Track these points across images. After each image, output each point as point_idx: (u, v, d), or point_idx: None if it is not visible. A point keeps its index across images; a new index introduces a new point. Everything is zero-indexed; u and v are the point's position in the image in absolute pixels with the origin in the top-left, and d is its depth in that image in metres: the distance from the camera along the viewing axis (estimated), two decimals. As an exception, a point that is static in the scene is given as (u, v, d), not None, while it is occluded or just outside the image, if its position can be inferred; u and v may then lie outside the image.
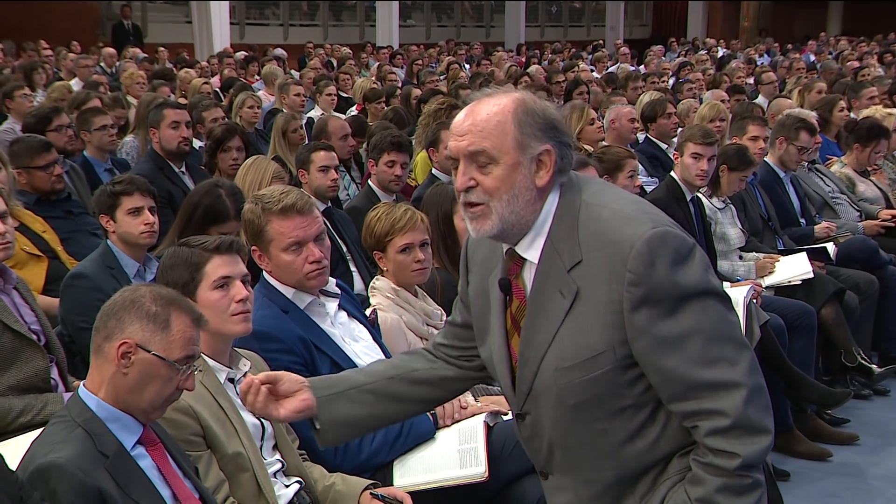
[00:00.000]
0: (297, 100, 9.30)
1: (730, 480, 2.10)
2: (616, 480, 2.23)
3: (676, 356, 2.08)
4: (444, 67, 14.73)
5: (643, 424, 2.19)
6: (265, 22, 24.51)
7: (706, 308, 2.09)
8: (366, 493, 3.01)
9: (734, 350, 2.10)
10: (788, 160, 6.32)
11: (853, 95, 8.94)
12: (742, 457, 2.08)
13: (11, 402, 3.41)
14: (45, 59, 13.91)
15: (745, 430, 2.08)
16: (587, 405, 2.18)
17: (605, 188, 2.29)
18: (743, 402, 2.07)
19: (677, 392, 2.11)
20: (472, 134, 2.18)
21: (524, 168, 2.17)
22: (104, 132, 6.47)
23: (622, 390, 2.16)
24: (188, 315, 2.48)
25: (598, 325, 2.13)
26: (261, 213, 3.26)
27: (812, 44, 21.86)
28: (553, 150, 2.17)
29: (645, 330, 2.09)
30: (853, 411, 5.33)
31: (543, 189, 2.19)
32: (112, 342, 2.42)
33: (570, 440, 2.25)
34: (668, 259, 2.07)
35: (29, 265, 4.56)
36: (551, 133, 2.18)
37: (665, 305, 2.07)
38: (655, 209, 2.22)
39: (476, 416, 3.34)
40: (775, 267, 5.51)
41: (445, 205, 4.20)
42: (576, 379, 2.16)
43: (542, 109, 2.20)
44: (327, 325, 3.35)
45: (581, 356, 2.15)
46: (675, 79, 12.96)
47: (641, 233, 2.09)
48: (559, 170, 2.19)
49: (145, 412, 2.48)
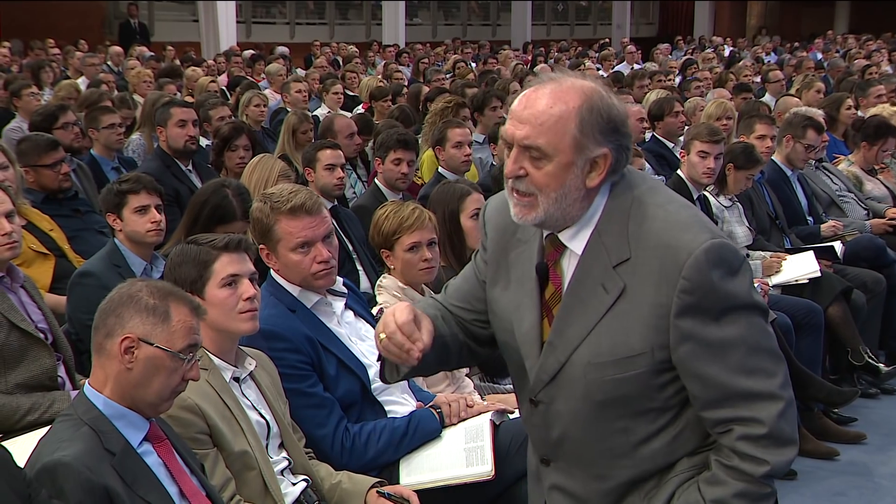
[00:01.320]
0: (298, 97, 9.32)
1: (751, 486, 2.13)
2: (629, 479, 2.24)
3: (718, 363, 2.10)
4: (450, 66, 14.72)
5: (664, 427, 2.20)
6: (272, 20, 24.53)
7: (750, 320, 2.12)
8: (372, 491, 3.02)
9: (772, 363, 2.14)
10: (796, 158, 6.31)
11: (860, 93, 8.91)
12: (771, 465, 2.12)
13: (19, 401, 3.42)
14: (53, 58, 13.94)
15: (776, 440, 2.12)
16: (614, 403, 2.18)
17: (658, 187, 2.27)
18: (778, 413, 2.11)
19: (715, 398, 2.13)
20: (530, 125, 2.12)
21: (577, 168, 2.12)
22: (112, 130, 6.49)
23: (652, 393, 2.17)
24: (186, 305, 2.49)
25: (640, 326, 2.12)
26: (269, 212, 3.26)
27: (819, 42, 21.80)
28: (610, 154, 2.13)
29: (690, 336, 2.09)
30: (860, 410, 5.32)
31: (594, 189, 2.16)
32: (114, 339, 2.42)
33: (587, 435, 2.24)
34: (723, 271, 2.09)
35: (36, 263, 4.57)
36: (612, 136, 2.14)
37: (712, 313, 2.09)
38: (706, 217, 2.24)
39: (482, 415, 3.34)
40: (782, 265, 5.50)
41: (452, 203, 4.19)
42: (608, 376, 2.15)
43: (608, 109, 2.13)
44: (334, 324, 3.35)
45: (617, 354, 2.14)
46: (681, 77, 12.94)
47: (700, 241, 2.08)
48: (613, 171, 2.16)
49: (153, 405, 2.48)
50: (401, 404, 3.39)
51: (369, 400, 3.32)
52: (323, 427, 3.20)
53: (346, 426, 3.22)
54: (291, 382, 3.16)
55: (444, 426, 3.32)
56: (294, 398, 3.15)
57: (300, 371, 3.19)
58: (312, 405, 3.19)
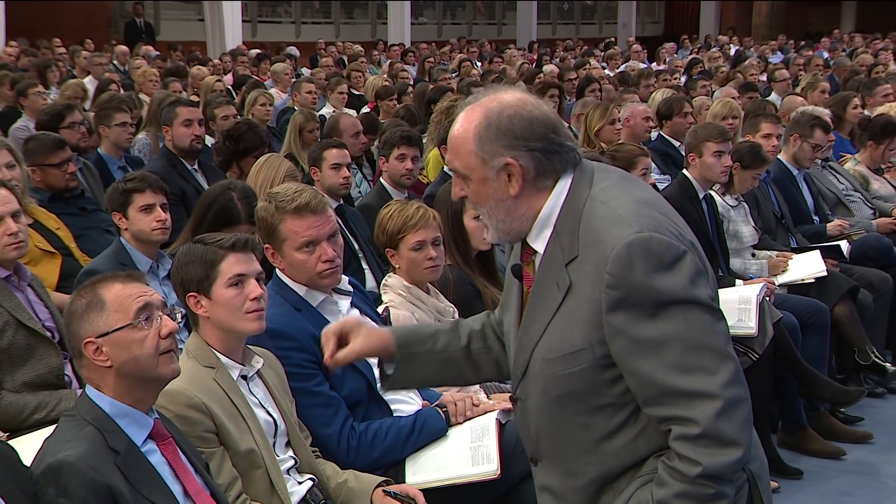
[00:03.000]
0: (308, 97, 9.33)
1: (690, 487, 2.10)
2: (597, 475, 2.25)
3: (652, 361, 2.08)
4: (455, 65, 14.72)
5: (623, 424, 2.20)
6: (277, 20, 24.55)
7: (688, 316, 2.08)
8: (378, 490, 3.02)
9: (714, 360, 2.09)
10: (802, 158, 6.30)
11: (867, 92, 8.88)
12: (703, 466, 2.08)
13: (26, 399, 3.43)
14: (59, 57, 13.96)
15: (714, 440, 2.07)
16: (568, 399, 2.21)
17: (618, 183, 2.26)
18: (715, 413, 2.06)
19: (652, 396, 2.12)
20: (450, 152, 2.26)
21: (493, 182, 2.20)
22: (123, 129, 6.49)
23: (602, 388, 2.18)
24: (115, 281, 2.52)
25: (581, 322, 2.15)
26: (274, 211, 3.26)
27: (825, 41, 21.75)
28: (515, 161, 2.17)
29: (621, 331, 2.10)
30: (867, 409, 5.31)
31: (522, 197, 2.20)
32: (84, 352, 2.47)
33: (553, 430, 2.28)
34: (648, 265, 2.07)
35: (43, 262, 4.58)
36: (515, 143, 2.17)
37: (643, 309, 2.07)
38: (656, 211, 2.18)
39: (488, 414, 3.33)
40: (788, 265, 5.49)
41: (456, 203, 4.19)
42: (558, 371, 2.20)
43: (507, 120, 2.17)
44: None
45: (564, 350, 2.18)
46: (686, 76, 12.92)
47: (625, 236, 2.09)
48: (538, 175, 2.19)
49: (152, 377, 2.49)
50: (406, 403, 3.39)
51: (375, 399, 3.32)
52: (329, 426, 3.20)
53: (352, 425, 3.23)
54: (297, 381, 3.16)
55: (450, 425, 3.32)
56: (300, 397, 3.15)
57: (306, 370, 3.20)
58: (318, 404, 3.20)
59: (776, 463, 4.51)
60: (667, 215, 2.21)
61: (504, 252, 4.44)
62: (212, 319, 2.95)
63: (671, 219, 2.21)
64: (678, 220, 2.25)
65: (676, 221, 2.22)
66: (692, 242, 2.19)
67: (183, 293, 2.97)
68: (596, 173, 2.25)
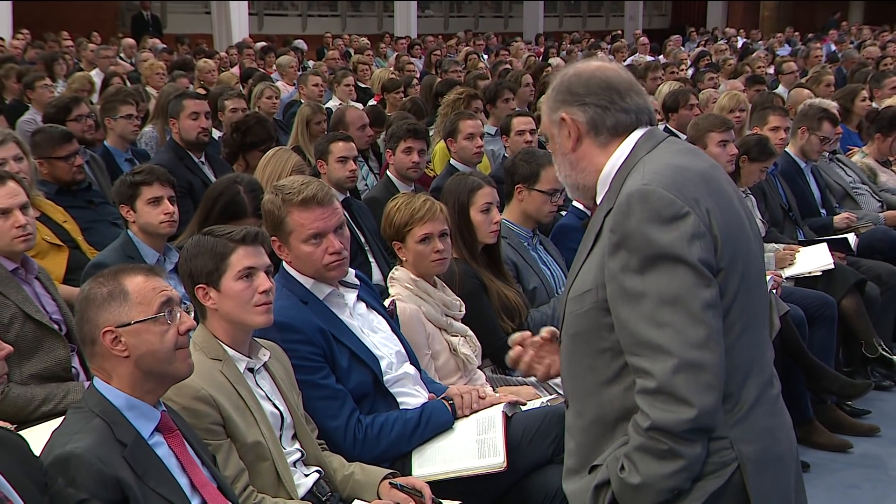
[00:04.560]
0: (315, 90, 9.32)
1: (645, 441, 2.14)
2: (596, 417, 2.29)
3: (631, 308, 2.15)
4: (462, 58, 14.70)
5: (620, 371, 2.23)
6: (283, 13, 24.55)
7: (673, 274, 2.12)
8: (385, 482, 3.02)
9: (686, 321, 2.11)
10: (810, 150, 6.28)
11: (875, 85, 8.85)
12: (651, 419, 2.11)
13: (34, 391, 3.44)
14: (66, 50, 13.97)
15: (668, 396, 2.10)
16: (579, 339, 2.29)
17: (674, 148, 2.33)
18: (672, 370, 2.09)
19: (627, 344, 2.18)
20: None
21: (557, 136, 2.36)
22: (129, 121, 6.49)
23: (603, 332, 2.23)
24: (138, 272, 2.52)
25: (594, 265, 2.25)
26: (281, 203, 3.26)
27: (833, 33, 21.67)
28: (567, 115, 2.31)
29: (614, 276, 2.18)
30: (874, 402, 5.30)
31: (581, 152, 2.33)
32: (97, 341, 2.46)
33: (569, 370, 2.37)
34: (643, 214, 2.14)
35: (50, 255, 4.59)
36: (570, 98, 2.32)
37: (636, 258, 2.14)
38: (682, 176, 2.21)
39: (494, 407, 3.34)
40: (796, 258, 5.48)
41: (462, 196, 4.19)
42: (574, 311, 2.30)
43: (569, 80, 2.33)
44: (346, 315, 3.35)
45: (579, 290, 2.29)
46: (693, 69, 12.88)
47: (631, 186, 2.19)
48: (594, 129, 2.31)
49: (167, 373, 2.51)
50: (413, 396, 3.39)
51: (381, 391, 3.33)
52: (335, 419, 3.20)
53: (358, 417, 3.23)
54: (304, 374, 3.17)
55: (457, 418, 3.32)
56: (306, 390, 3.16)
57: (313, 363, 3.20)
58: (325, 397, 3.20)
59: (783, 456, 4.50)
60: (693, 181, 2.21)
61: (511, 245, 4.44)
62: (220, 312, 2.96)
63: (698, 187, 2.21)
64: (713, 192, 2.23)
65: (704, 192, 2.21)
66: (710, 210, 2.18)
67: (191, 285, 2.98)
68: (664, 141, 2.34)
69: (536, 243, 4.61)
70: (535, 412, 3.38)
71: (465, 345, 3.78)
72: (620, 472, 2.18)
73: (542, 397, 3.66)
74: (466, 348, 3.77)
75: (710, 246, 2.17)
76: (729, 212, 2.24)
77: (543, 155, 4.65)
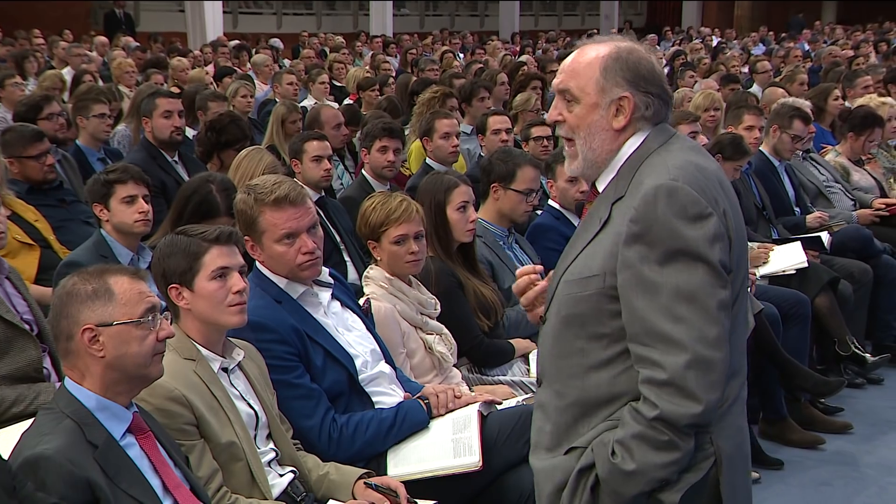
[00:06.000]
0: (290, 89, 9.28)
1: (646, 430, 2.18)
2: (576, 400, 2.32)
3: (646, 299, 2.17)
4: (438, 56, 14.68)
5: (613, 357, 2.27)
6: (258, 11, 24.46)
7: (693, 271, 2.16)
8: (359, 482, 3.01)
9: (702, 318, 2.16)
10: (783, 149, 6.32)
11: (847, 84, 8.92)
12: (660, 410, 2.15)
13: (4, 392, 3.39)
14: (37, 48, 13.84)
15: (678, 389, 2.15)
16: (573, 321, 2.31)
17: (687, 146, 2.37)
18: (685, 364, 2.14)
19: (636, 333, 2.20)
20: (565, 73, 2.39)
21: (602, 109, 2.34)
22: (101, 120, 6.44)
23: (603, 318, 2.26)
24: (123, 273, 2.51)
25: (603, 251, 2.26)
26: (253, 203, 3.24)
27: (807, 32, 21.84)
28: (632, 98, 2.32)
29: (630, 265, 2.19)
30: (847, 400, 5.34)
31: (620, 131, 2.34)
32: (75, 337, 2.44)
33: (555, 350, 2.37)
34: (670, 208, 2.17)
35: (21, 254, 4.54)
36: (637, 83, 2.32)
37: (657, 251, 2.17)
38: (703, 175, 2.26)
39: (470, 406, 3.33)
40: (770, 256, 5.51)
41: (439, 195, 4.18)
42: (572, 293, 2.31)
43: (635, 60, 2.33)
44: (320, 314, 3.34)
45: (582, 273, 2.30)
46: (669, 68, 12.94)
47: (658, 180, 2.21)
48: (640, 117, 2.34)
49: (140, 377, 2.49)
50: (388, 395, 3.38)
51: (357, 391, 3.32)
52: (310, 418, 3.19)
53: (333, 417, 3.22)
54: (278, 374, 3.15)
55: (432, 417, 3.32)
56: (281, 389, 3.14)
57: (287, 362, 3.18)
58: (299, 396, 3.19)
59: (757, 453, 4.52)
60: (712, 182, 2.27)
61: (485, 244, 4.44)
62: (193, 312, 2.94)
63: (716, 188, 2.27)
64: (725, 194, 2.31)
65: (721, 193, 2.28)
66: (726, 212, 2.25)
67: (164, 285, 2.95)
68: (676, 137, 2.38)
69: (512, 242, 4.61)
70: (510, 411, 3.38)
71: (440, 343, 3.78)
72: (612, 458, 2.21)
73: (518, 396, 3.67)
74: (442, 346, 3.77)
75: (727, 247, 2.23)
76: (736, 214, 2.31)
77: (520, 154, 4.65)
